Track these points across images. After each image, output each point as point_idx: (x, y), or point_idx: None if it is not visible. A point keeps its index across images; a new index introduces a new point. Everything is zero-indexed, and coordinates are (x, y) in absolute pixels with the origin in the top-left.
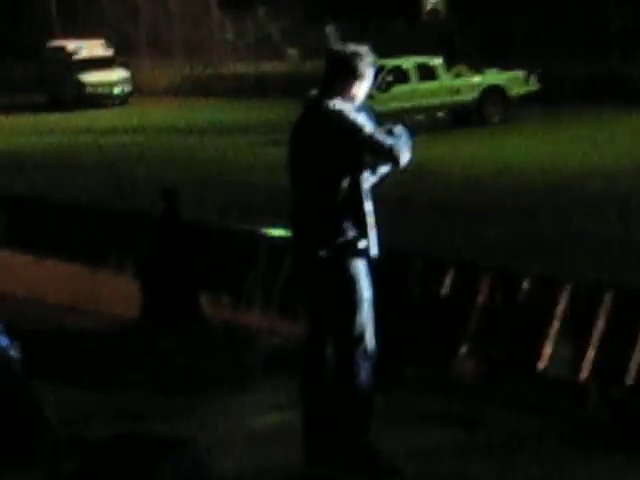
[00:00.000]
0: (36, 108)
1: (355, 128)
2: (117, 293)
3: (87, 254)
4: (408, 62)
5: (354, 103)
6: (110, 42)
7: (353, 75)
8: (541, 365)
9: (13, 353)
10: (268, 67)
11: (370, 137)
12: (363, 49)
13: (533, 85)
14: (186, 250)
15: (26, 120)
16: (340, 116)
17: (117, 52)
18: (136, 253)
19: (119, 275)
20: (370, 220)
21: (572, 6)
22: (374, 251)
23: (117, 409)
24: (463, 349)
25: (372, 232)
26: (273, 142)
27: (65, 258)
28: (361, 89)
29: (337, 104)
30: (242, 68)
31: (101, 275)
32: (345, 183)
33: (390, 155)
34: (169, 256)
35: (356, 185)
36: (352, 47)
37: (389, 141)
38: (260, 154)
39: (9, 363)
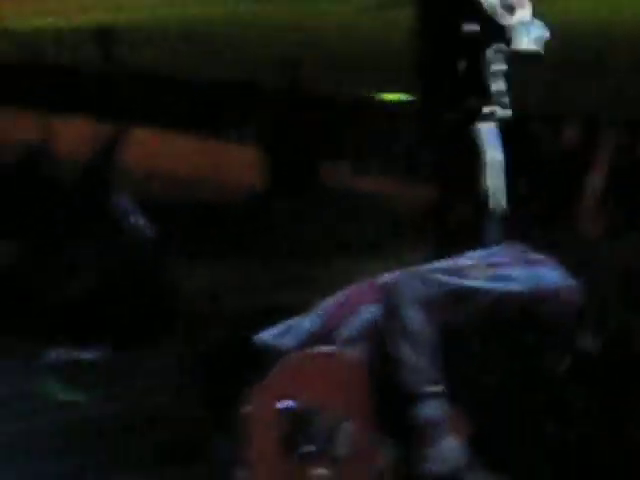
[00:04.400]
0: None
1: None
2: (239, 163)
3: (210, 126)
4: None
5: None
6: None
7: None
8: None
9: (147, 229)
10: None
11: None
12: None
13: None
14: (307, 119)
15: None
16: None
17: None
18: (258, 123)
19: (242, 145)
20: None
21: None
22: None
23: (250, 281)
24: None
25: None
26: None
27: (189, 130)
28: None
29: None
30: None
31: (223, 146)
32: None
33: None
34: (290, 125)
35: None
36: None
37: None
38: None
39: (144, 239)
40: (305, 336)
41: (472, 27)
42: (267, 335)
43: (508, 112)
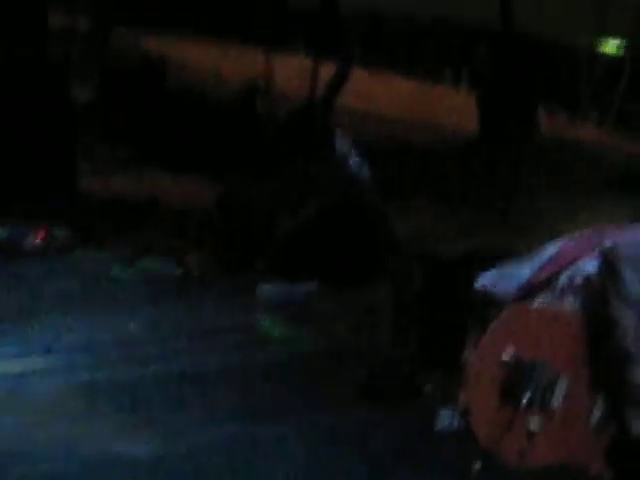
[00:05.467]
0: None
1: None
2: (454, 107)
3: (424, 69)
4: None
5: None
6: None
7: None
8: None
9: (365, 171)
10: None
11: None
12: None
13: None
14: (524, 66)
15: None
16: None
17: None
18: (473, 68)
19: (456, 89)
20: None
21: None
22: None
23: (463, 226)
24: None
25: None
26: None
27: (403, 73)
28: None
29: None
30: None
31: (438, 90)
32: None
33: None
34: (506, 71)
35: None
36: None
37: None
38: None
39: (362, 182)
40: (523, 283)
41: None
42: (486, 279)
43: None
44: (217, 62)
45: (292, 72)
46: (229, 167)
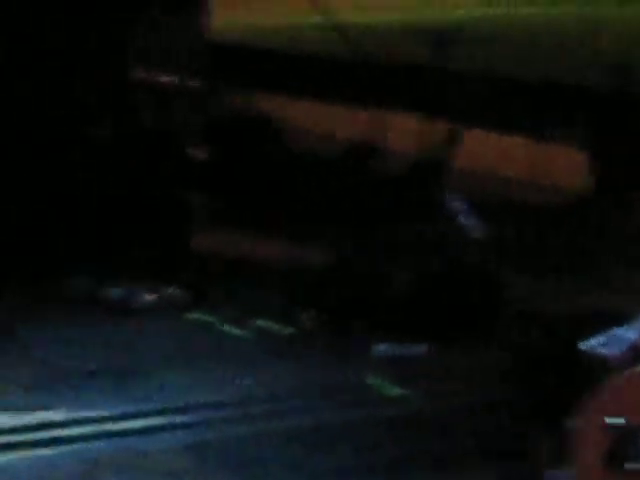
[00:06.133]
0: None
1: None
2: (568, 165)
3: (533, 126)
4: None
5: None
6: None
7: None
8: None
9: (477, 228)
10: None
11: None
12: None
13: None
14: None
15: None
16: None
17: None
18: (586, 126)
19: (569, 147)
20: None
21: None
22: None
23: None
24: None
25: None
26: None
27: (513, 130)
28: None
29: None
30: None
31: (550, 147)
32: None
33: None
34: (621, 130)
35: None
36: None
37: None
38: None
39: (473, 238)
40: (630, 347)
41: None
42: (593, 343)
43: None
44: (328, 123)
45: (404, 132)
46: (340, 227)
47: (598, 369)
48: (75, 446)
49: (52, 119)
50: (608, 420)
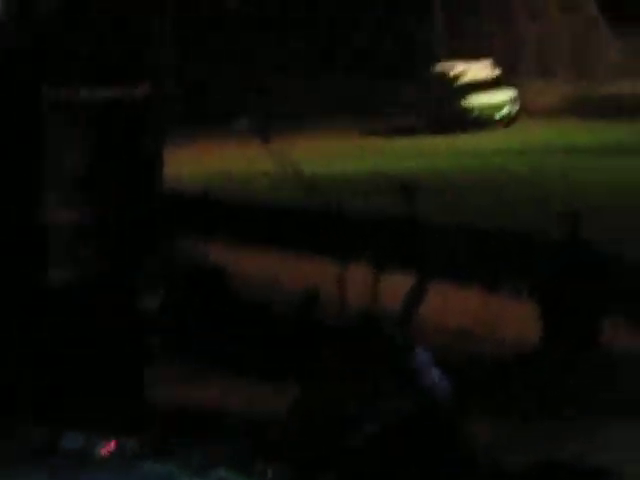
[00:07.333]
0: (411, 130)
1: None
2: (514, 318)
3: (480, 277)
4: None
5: None
6: (495, 62)
7: None
8: None
9: (443, 386)
10: None
11: None
12: None
13: None
14: (589, 276)
15: (406, 143)
16: None
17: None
18: (532, 276)
19: (515, 299)
20: None
21: None
22: None
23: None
24: None
25: None
26: None
27: (458, 281)
28: None
29: None
30: (628, 88)
31: (496, 299)
32: None
33: None
34: (571, 282)
35: None
36: None
37: None
38: None
39: (440, 396)
40: None
41: None
42: None
43: None
44: (277, 271)
45: (355, 282)
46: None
47: None
48: None
49: None
50: None
